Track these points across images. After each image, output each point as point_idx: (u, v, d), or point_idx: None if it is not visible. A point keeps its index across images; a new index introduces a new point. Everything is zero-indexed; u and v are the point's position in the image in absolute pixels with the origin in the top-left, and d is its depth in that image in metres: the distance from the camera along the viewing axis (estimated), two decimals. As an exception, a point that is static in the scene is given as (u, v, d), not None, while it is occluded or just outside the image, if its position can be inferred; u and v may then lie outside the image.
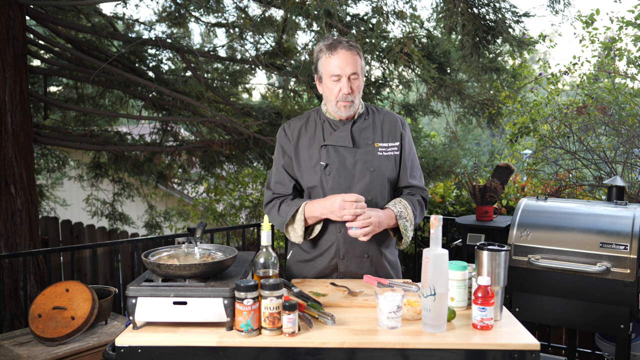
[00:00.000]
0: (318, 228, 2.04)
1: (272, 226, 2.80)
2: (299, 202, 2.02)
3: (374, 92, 5.03)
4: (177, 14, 5.14)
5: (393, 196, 2.13)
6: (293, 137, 2.10)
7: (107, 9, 8.82)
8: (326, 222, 2.04)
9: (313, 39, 4.61)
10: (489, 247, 1.62)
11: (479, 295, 1.50)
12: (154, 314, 1.49)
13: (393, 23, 4.44)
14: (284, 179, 2.10)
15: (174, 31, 5.45)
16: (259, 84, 12.63)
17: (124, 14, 5.55)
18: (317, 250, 2.08)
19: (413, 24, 4.78)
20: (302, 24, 4.74)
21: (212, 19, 5.50)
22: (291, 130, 2.11)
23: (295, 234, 2.03)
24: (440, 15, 4.30)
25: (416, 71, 5.01)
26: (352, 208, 1.89)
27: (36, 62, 5.82)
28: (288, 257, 2.21)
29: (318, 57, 2.04)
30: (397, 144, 2.10)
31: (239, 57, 5.89)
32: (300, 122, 2.13)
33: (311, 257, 2.10)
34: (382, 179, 2.05)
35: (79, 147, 5.25)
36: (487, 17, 4.18)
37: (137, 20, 5.55)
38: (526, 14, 4.31)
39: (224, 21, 5.35)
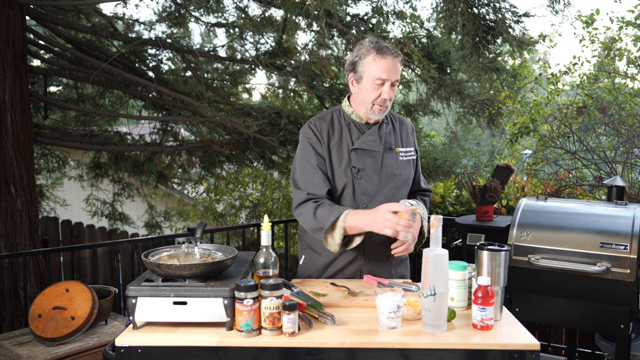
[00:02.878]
0: (358, 240, 1.95)
1: (272, 226, 2.80)
2: (339, 209, 1.91)
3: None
4: (177, 14, 5.14)
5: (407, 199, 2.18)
6: (323, 137, 2.04)
7: (107, 9, 8.83)
8: None
9: (313, 39, 4.61)
10: (489, 247, 1.62)
11: (479, 295, 1.50)
12: (154, 314, 1.49)
13: (393, 23, 4.44)
14: (319, 180, 2.00)
15: (174, 31, 5.45)
16: (259, 84, 12.64)
17: (124, 14, 5.55)
18: (341, 253, 2.04)
19: (413, 24, 4.78)
20: (302, 24, 4.74)
21: (212, 19, 5.50)
22: (319, 130, 2.05)
23: (333, 241, 1.93)
24: (440, 15, 4.31)
25: (416, 71, 5.01)
26: (394, 222, 1.78)
27: (36, 62, 5.82)
28: (301, 263, 2.17)
29: (361, 57, 1.98)
30: (412, 149, 2.16)
31: (239, 57, 5.89)
32: (325, 123, 2.07)
33: (330, 260, 2.07)
34: (404, 183, 2.09)
35: (79, 147, 5.25)
36: (487, 17, 4.18)
37: (137, 20, 5.55)
38: (526, 14, 4.31)
39: (224, 21, 5.35)
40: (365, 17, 4.59)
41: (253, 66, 5.52)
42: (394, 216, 1.78)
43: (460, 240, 3.61)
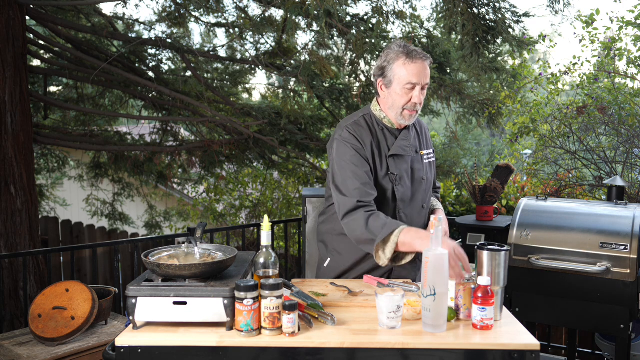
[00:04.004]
0: (409, 258, 1.91)
1: (272, 226, 2.79)
2: (394, 224, 1.84)
3: (374, 92, 5.02)
4: (177, 14, 5.14)
5: None
6: (365, 143, 1.99)
7: (107, 9, 8.83)
8: None
9: (313, 39, 4.61)
10: (489, 247, 1.62)
11: (479, 295, 1.50)
12: (154, 314, 1.49)
13: (393, 23, 4.44)
14: (367, 186, 1.93)
15: (174, 31, 5.45)
16: (259, 84, 12.64)
17: (124, 14, 5.55)
18: (369, 255, 2.01)
19: (413, 24, 4.78)
20: (302, 24, 4.74)
21: (212, 19, 5.50)
22: (360, 136, 2.00)
23: (384, 256, 1.86)
24: (440, 15, 4.31)
25: (416, 71, 5.00)
26: (456, 262, 1.64)
27: (36, 62, 5.82)
28: (325, 265, 2.14)
29: (390, 61, 1.96)
30: (432, 150, 2.19)
31: (239, 57, 5.89)
32: (363, 128, 2.02)
33: (357, 261, 2.05)
34: (430, 185, 2.12)
35: (79, 147, 5.25)
36: (487, 17, 4.18)
37: (137, 20, 5.55)
38: (526, 14, 4.31)
39: (224, 21, 5.35)
40: (365, 17, 4.59)
41: (253, 66, 5.52)
42: (461, 256, 1.66)
43: (460, 240, 3.61)
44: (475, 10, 4.13)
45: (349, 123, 2.04)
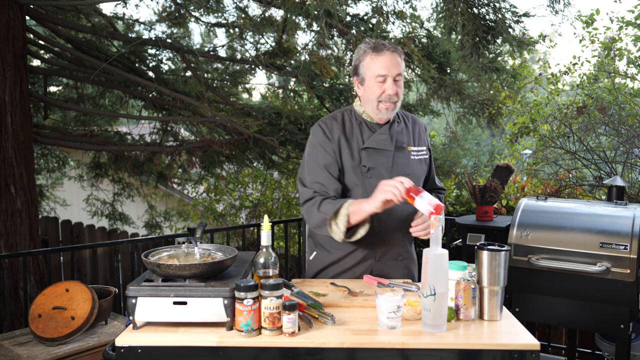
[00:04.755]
0: (362, 232, 1.95)
1: (272, 226, 2.79)
2: (343, 200, 1.94)
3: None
4: (177, 14, 5.14)
5: None
6: (333, 136, 2.03)
7: (107, 9, 8.83)
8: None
9: (313, 39, 4.61)
10: (489, 247, 1.62)
11: (412, 194, 1.74)
12: (154, 314, 1.49)
13: (393, 23, 4.44)
14: (325, 179, 2.01)
15: (174, 31, 5.45)
16: (259, 84, 12.65)
17: (124, 14, 5.55)
18: (351, 251, 2.04)
19: (413, 24, 4.78)
20: (302, 24, 4.74)
21: (212, 19, 5.50)
22: (329, 130, 2.05)
23: (338, 229, 1.92)
24: (440, 15, 4.30)
25: (416, 71, 5.01)
26: (392, 186, 1.77)
27: (36, 62, 5.82)
28: (311, 258, 2.17)
29: (360, 59, 2.01)
30: (425, 148, 2.17)
31: (239, 57, 5.89)
32: (336, 122, 2.07)
33: (339, 258, 2.07)
34: (416, 182, 2.07)
35: (79, 147, 5.25)
36: (487, 17, 4.18)
37: (137, 20, 5.55)
38: (526, 14, 4.31)
39: (224, 21, 5.35)
40: (365, 17, 4.59)
41: (253, 66, 5.52)
42: (393, 181, 1.78)
43: (460, 240, 3.61)
44: (475, 10, 4.13)
45: (324, 117, 2.12)
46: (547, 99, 4.79)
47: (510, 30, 4.22)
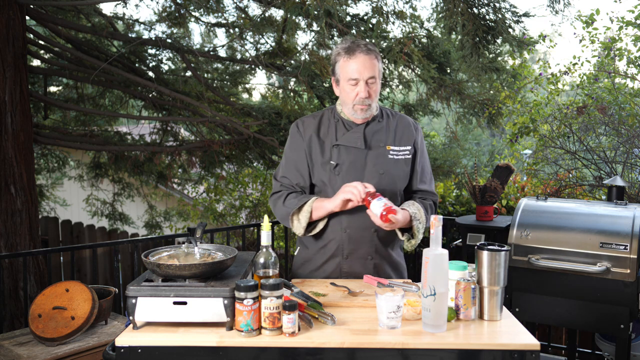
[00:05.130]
0: (321, 225, 2.04)
1: (272, 226, 2.80)
2: (309, 196, 2.03)
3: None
4: (177, 14, 5.14)
5: (403, 200, 2.14)
6: (306, 133, 2.09)
7: (107, 9, 8.83)
8: (331, 221, 2.04)
9: (313, 39, 4.62)
10: (489, 247, 1.62)
11: (369, 199, 1.83)
12: (154, 314, 1.49)
13: (393, 23, 4.44)
14: (292, 174, 2.10)
15: (174, 31, 5.45)
16: (259, 84, 12.65)
17: (124, 14, 5.55)
18: (321, 248, 2.09)
19: (413, 24, 4.78)
20: (302, 24, 4.74)
21: (212, 19, 5.50)
22: (304, 127, 2.10)
23: (299, 224, 2.02)
24: (440, 15, 4.30)
25: (416, 71, 5.01)
26: (351, 187, 1.87)
27: (36, 62, 5.82)
28: (295, 254, 2.22)
29: (336, 60, 2.02)
30: (409, 148, 2.11)
31: (239, 57, 5.89)
32: (314, 120, 2.13)
33: (313, 255, 2.11)
34: (391, 182, 2.05)
35: (79, 147, 5.25)
36: (487, 17, 4.18)
37: (137, 20, 5.55)
38: (526, 14, 4.31)
39: (224, 21, 5.35)
40: (365, 17, 4.59)
41: (253, 66, 5.52)
42: (355, 183, 1.88)
43: (460, 240, 3.61)
44: (475, 10, 4.13)
45: (304, 116, 2.18)
46: (547, 99, 4.79)
47: (510, 30, 4.21)
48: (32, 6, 4.45)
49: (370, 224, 1.99)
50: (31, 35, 4.90)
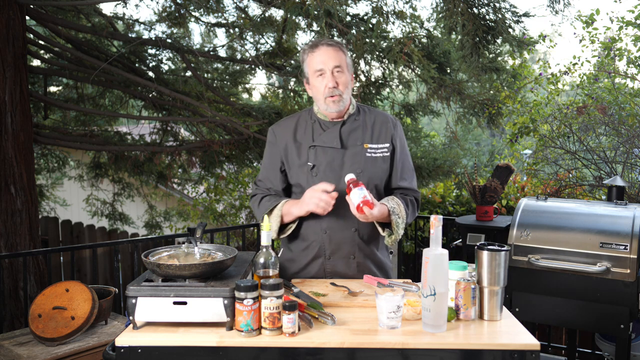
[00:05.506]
0: (292, 227, 2.07)
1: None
2: (279, 199, 2.07)
3: (374, 92, 5.03)
4: (177, 14, 5.14)
5: (383, 197, 2.12)
6: (282, 136, 2.12)
7: (107, 9, 8.83)
8: (311, 222, 2.05)
9: (313, 39, 4.61)
10: (489, 247, 1.62)
11: (351, 186, 1.83)
12: (154, 314, 1.49)
13: (393, 23, 4.43)
14: (268, 177, 2.16)
15: (174, 31, 5.45)
16: (259, 84, 12.65)
17: (124, 14, 5.55)
18: (303, 250, 2.10)
19: (413, 24, 4.78)
20: (302, 24, 4.74)
21: (212, 19, 5.50)
22: (280, 130, 2.14)
23: (271, 227, 2.06)
24: (440, 15, 4.30)
25: (416, 71, 5.01)
26: (317, 198, 1.92)
27: (36, 62, 5.82)
28: (279, 256, 2.23)
29: (303, 59, 2.08)
30: (388, 145, 2.09)
31: (239, 57, 5.89)
32: (290, 122, 2.15)
33: (296, 256, 2.11)
34: (370, 180, 2.04)
35: (79, 147, 5.25)
36: (487, 17, 4.17)
37: (137, 20, 5.55)
38: (526, 14, 4.31)
39: (224, 21, 5.35)
40: (365, 17, 4.59)
41: (253, 66, 5.52)
42: (318, 192, 1.92)
43: (460, 240, 3.61)
44: (475, 10, 4.12)
45: (281, 120, 2.21)
46: (547, 99, 4.79)
47: (510, 30, 4.21)
48: (32, 6, 4.45)
49: (351, 223, 2.01)
50: (31, 35, 4.90)
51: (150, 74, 5.45)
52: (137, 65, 5.40)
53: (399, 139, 2.13)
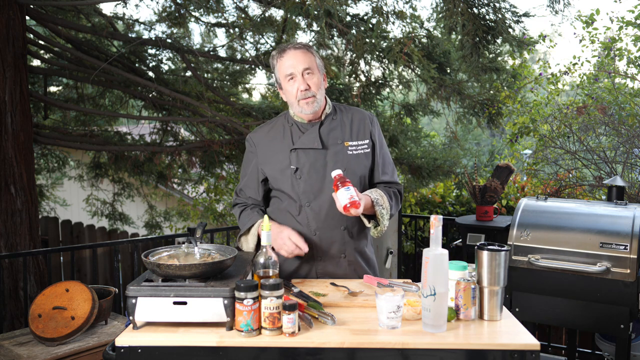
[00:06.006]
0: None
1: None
2: (256, 217, 2.08)
3: (373, 92, 5.03)
4: (177, 14, 5.14)
5: None
6: (259, 144, 2.11)
7: (107, 9, 8.83)
8: (301, 225, 2.04)
9: (313, 39, 4.61)
10: (489, 247, 1.62)
11: (338, 184, 1.82)
12: (154, 314, 1.49)
13: (393, 23, 4.44)
14: (247, 187, 2.16)
15: (174, 31, 5.45)
16: (259, 84, 12.65)
17: (124, 14, 5.55)
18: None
19: (413, 24, 4.78)
20: (302, 24, 4.74)
21: (212, 19, 5.50)
22: (257, 137, 2.13)
23: (247, 245, 2.10)
24: (440, 15, 4.30)
25: (416, 71, 5.01)
26: (290, 247, 1.94)
27: (36, 62, 5.82)
28: None
29: (273, 66, 2.06)
30: (367, 141, 2.10)
31: (239, 57, 5.89)
32: (266, 128, 2.14)
33: (286, 258, 2.08)
34: (354, 177, 2.04)
35: (79, 147, 5.25)
36: (487, 17, 4.17)
37: (137, 20, 5.55)
38: (526, 14, 4.31)
39: (224, 21, 5.36)
40: (365, 17, 4.59)
41: (253, 66, 5.52)
42: (291, 242, 1.94)
43: (460, 240, 3.61)
44: (475, 10, 4.13)
45: (257, 127, 2.21)
46: (547, 99, 4.79)
47: (510, 30, 4.21)
48: (32, 6, 4.45)
49: (339, 222, 2.02)
50: (31, 35, 4.90)
51: (150, 74, 5.45)
52: (137, 65, 5.40)
53: (378, 134, 2.15)
